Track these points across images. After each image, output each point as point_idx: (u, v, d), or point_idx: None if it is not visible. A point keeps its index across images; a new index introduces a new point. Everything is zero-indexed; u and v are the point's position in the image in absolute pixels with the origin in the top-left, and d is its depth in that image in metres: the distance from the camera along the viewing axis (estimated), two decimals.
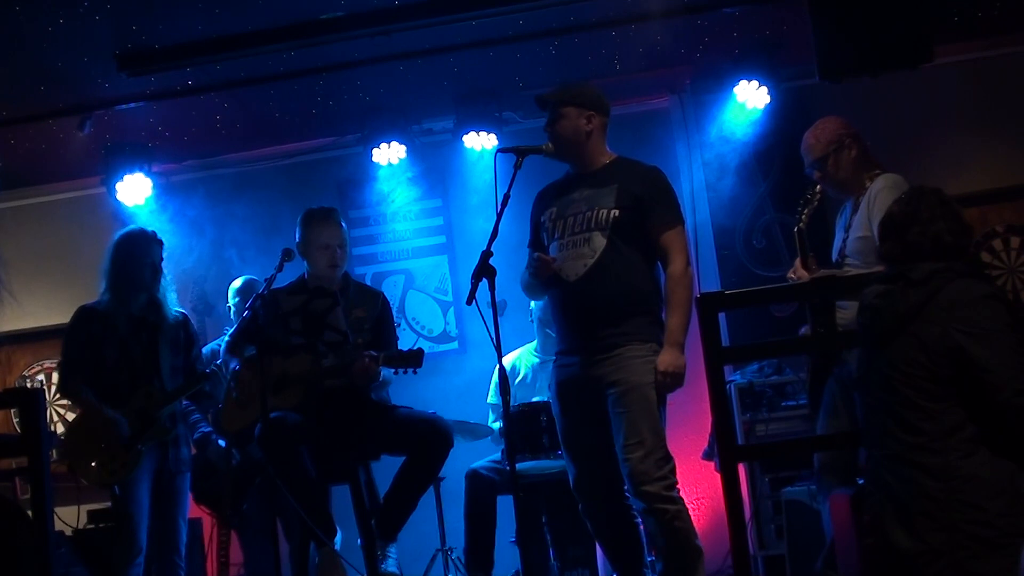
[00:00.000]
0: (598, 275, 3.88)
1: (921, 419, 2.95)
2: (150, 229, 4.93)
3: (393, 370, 4.48)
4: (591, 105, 4.05)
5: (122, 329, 4.74)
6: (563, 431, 4.03)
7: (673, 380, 3.80)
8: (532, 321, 5.58)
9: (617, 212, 3.91)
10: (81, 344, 4.75)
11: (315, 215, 4.72)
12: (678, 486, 3.81)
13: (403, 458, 4.54)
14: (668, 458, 3.81)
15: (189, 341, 4.95)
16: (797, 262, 4.21)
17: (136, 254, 4.77)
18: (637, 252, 3.92)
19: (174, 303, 4.92)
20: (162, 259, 4.85)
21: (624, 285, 3.87)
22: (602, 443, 3.89)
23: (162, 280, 4.85)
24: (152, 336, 4.79)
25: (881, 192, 4.02)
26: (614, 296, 3.86)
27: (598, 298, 3.87)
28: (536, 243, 4.18)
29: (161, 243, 4.88)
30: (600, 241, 3.90)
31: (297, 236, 4.72)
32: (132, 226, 5.01)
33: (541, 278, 4.03)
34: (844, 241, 4.21)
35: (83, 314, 4.82)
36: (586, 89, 4.13)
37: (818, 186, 4.27)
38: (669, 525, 3.75)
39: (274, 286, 4.48)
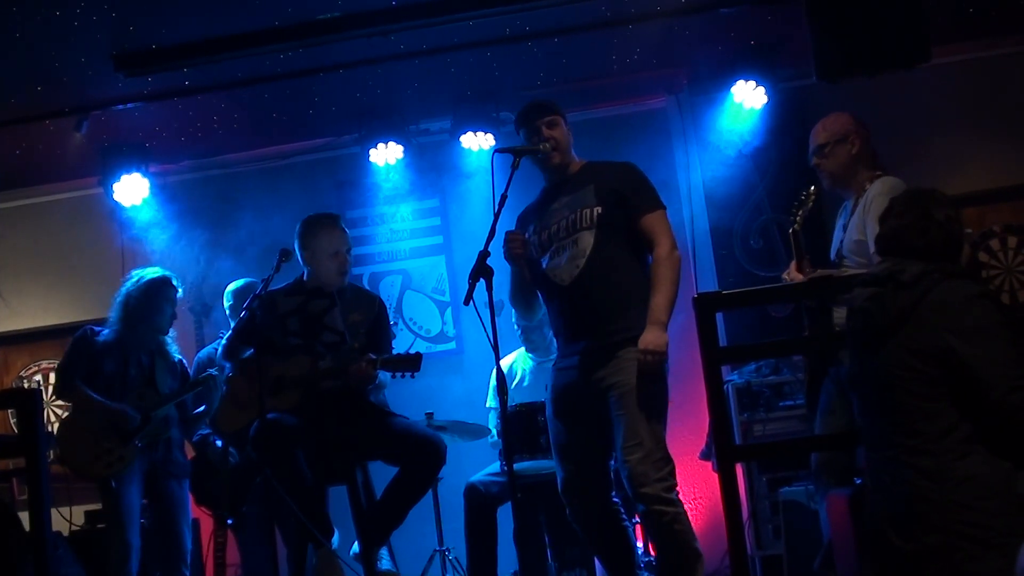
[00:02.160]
0: (593, 273, 3.88)
1: (916, 421, 2.95)
2: (177, 282, 5.09)
3: (391, 374, 4.48)
4: (565, 115, 4.14)
5: (122, 355, 4.89)
6: (555, 433, 4.02)
7: (653, 358, 3.74)
8: (517, 329, 5.55)
9: (600, 208, 3.92)
10: (80, 360, 4.87)
11: (322, 222, 4.69)
12: (678, 488, 3.81)
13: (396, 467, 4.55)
14: (667, 460, 3.79)
15: (184, 375, 5.11)
16: (792, 265, 4.22)
17: (161, 304, 4.96)
18: (625, 245, 3.93)
19: (175, 351, 5.12)
20: (175, 312, 5.06)
21: (619, 278, 3.88)
22: (595, 445, 3.89)
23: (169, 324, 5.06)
24: (150, 359, 4.94)
25: (878, 197, 4.01)
26: (612, 291, 3.87)
27: (596, 295, 3.87)
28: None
29: (178, 292, 5.07)
30: (588, 240, 3.90)
31: (300, 243, 4.68)
32: (159, 273, 5.09)
33: (515, 256, 3.99)
34: (842, 241, 4.22)
35: (88, 337, 4.97)
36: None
37: (812, 187, 4.28)
38: (668, 528, 3.75)
39: (271, 287, 4.48)
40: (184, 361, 5.18)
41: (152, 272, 5.05)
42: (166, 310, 4.96)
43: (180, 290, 5.08)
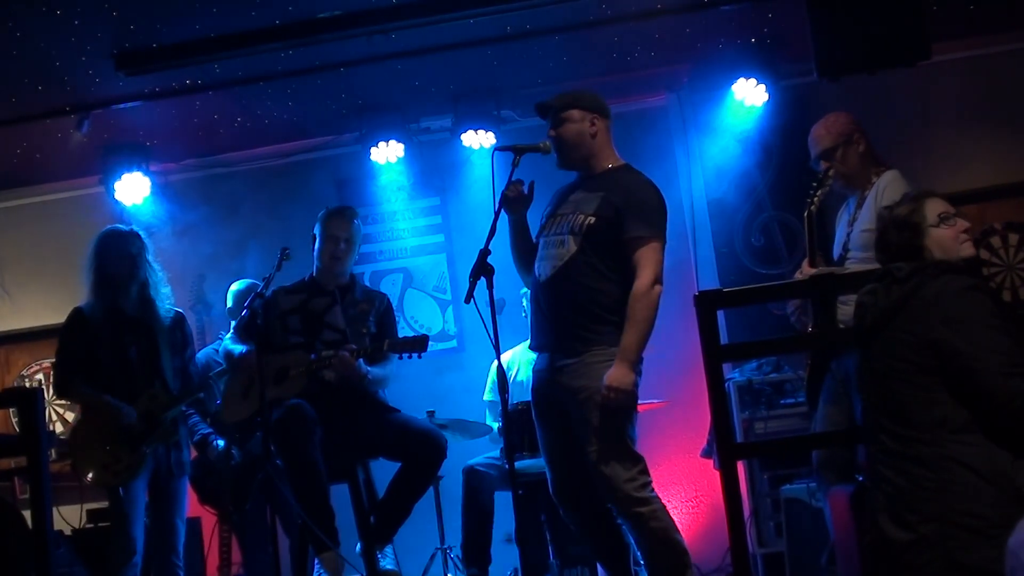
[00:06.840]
0: (562, 279, 3.84)
1: (912, 411, 2.97)
2: (127, 227, 4.89)
3: (398, 355, 4.48)
4: (594, 108, 3.99)
5: (116, 330, 4.72)
6: (539, 435, 4.03)
7: (618, 396, 3.68)
8: (525, 316, 5.58)
9: (593, 220, 3.83)
10: (75, 346, 4.73)
11: (331, 210, 4.77)
12: (652, 485, 3.77)
13: (398, 463, 4.55)
14: (635, 460, 3.76)
15: (184, 342, 4.92)
16: (805, 262, 4.20)
17: (111, 252, 4.73)
18: (608, 261, 3.82)
19: (168, 299, 4.87)
20: (139, 253, 4.77)
21: (588, 293, 3.80)
22: (573, 448, 3.86)
23: (152, 276, 4.80)
24: (150, 338, 4.76)
25: (888, 187, 4.07)
26: (577, 303, 3.81)
27: (561, 302, 3.84)
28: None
29: (138, 235, 4.82)
30: (571, 247, 3.84)
31: (315, 231, 4.75)
32: (109, 226, 4.95)
33: (512, 199, 3.94)
34: (848, 236, 4.24)
35: (77, 316, 4.80)
36: (587, 93, 4.08)
37: (831, 169, 4.25)
38: (645, 526, 3.73)
39: (274, 286, 4.48)
40: (183, 313, 4.94)
41: (106, 227, 4.90)
42: (122, 259, 4.71)
43: (139, 238, 4.80)
